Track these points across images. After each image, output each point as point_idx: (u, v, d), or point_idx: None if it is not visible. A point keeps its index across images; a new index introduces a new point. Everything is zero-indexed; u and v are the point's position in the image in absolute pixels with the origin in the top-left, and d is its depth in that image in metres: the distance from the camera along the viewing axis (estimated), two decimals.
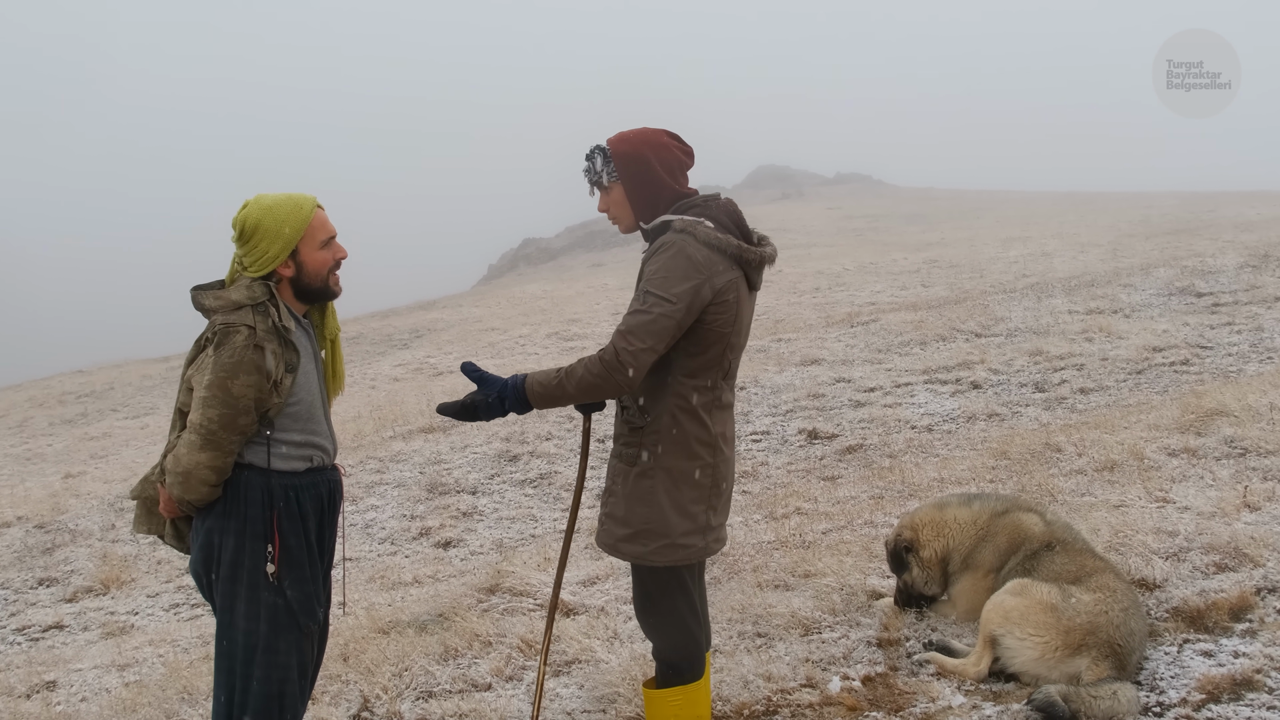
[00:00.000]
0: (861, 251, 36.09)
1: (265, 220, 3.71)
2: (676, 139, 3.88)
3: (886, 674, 4.65)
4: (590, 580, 6.52)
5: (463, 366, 3.84)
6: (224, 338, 3.60)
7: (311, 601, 3.84)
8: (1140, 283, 15.13)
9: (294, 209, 3.75)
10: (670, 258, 3.62)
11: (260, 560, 3.71)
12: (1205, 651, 4.43)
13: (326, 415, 3.99)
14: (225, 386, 3.58)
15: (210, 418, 3.59)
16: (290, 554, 3.77)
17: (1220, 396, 7.97)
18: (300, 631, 3.82)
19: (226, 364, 3.58)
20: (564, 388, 3.63)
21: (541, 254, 65.96)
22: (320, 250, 3.81)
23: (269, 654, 3.74)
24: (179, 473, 3.65)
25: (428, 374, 21.45)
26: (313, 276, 3.82)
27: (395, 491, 10.57)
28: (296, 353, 3.75)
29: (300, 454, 3.83)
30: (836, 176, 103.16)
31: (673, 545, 3.76)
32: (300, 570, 3.80)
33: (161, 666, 6.49)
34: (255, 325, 3.63)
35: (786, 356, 13.85)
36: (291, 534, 3.78)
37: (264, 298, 3.69)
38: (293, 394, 3.76)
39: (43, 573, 9.76)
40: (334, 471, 4.01)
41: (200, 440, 3.60)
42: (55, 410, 25.66)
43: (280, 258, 3.73)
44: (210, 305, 3.71)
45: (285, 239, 3.72)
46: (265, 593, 3.73)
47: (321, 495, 3.92)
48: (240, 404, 3.60)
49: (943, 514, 5.24)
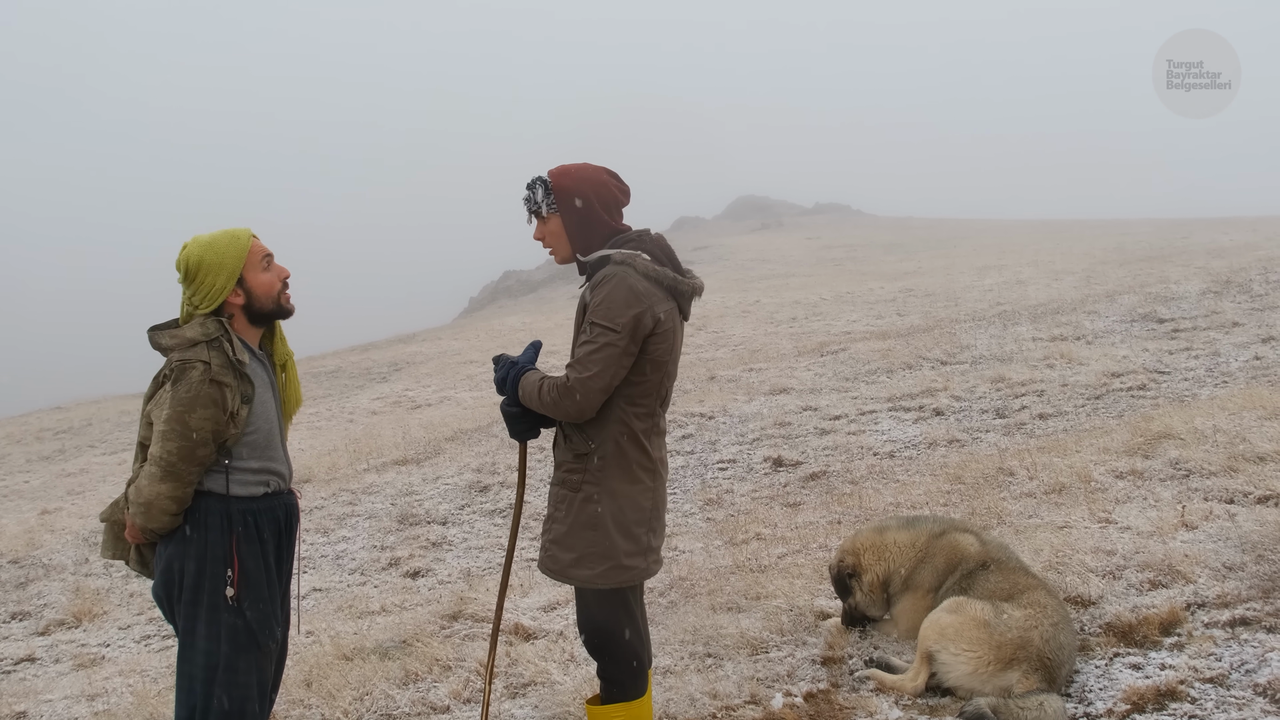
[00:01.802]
0: (839, 281, 36.33)
1: (207, 256, 3.88)
2: (615, 178, 4.07)
3: (828, 690, 4.80)
4: (550, 606, 6.64)
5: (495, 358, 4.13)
6: (181, 374, 3.76)
7: (270, 621, 3.99)
8: (1104, 309, 15.36)
9: (231, 240, 3.93)
10: (612, 289, 3.81)
11: (220, 583, 3.86)
12: (1134, 664, 4.59)
13: (283, 441, 4.15)
14: (183, 420, 3.73)
15: (170, 450, 3.74)
16: (249, 576, 3.92)
17: (1169, 420, 8.15)
18: (260, 651, 3.97)
19: (184, 398, 3.73)
20: (536, 396, 3.89)
21: (522, 286, 66.05)
22: (264, 273, 3.98)
23: (229, 673, 3.89)
24: (141, 503, 3.80)
25: (406, 407, 21.52)
26: (263, 299, 3.99)
27: (366, 523, 10.67)
28: (252, 385, 3.91)
29: (258, 480, 3.98)
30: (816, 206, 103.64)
31: (619, 567, 3.92)
32: (259, 591, 3.95)
33: (130, 696, 6.57)
34: (210, 361, 3.79)
35: (756, 386, 14.01)
36: (250, 557, 3.93)
37: (218, 334, 3.86)
38: (250, 424, 3.91)
39: (15, 607, 9.81)
40: (290, 495, 4.17)
41: (160, 472, 3.75)
42: (33, 447, 25.60)
43: (228, 288, 3.90)
44: (166, 344, 3.87)
45: (229, 269, 3.89)
46: (225, 614, 3.87)
47: (279, 519, 4.08)
48: (198, 436, 3.75)
49: (883, 538, 5.40)
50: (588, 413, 3.82)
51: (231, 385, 3.82)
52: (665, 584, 6.67)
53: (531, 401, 3.93)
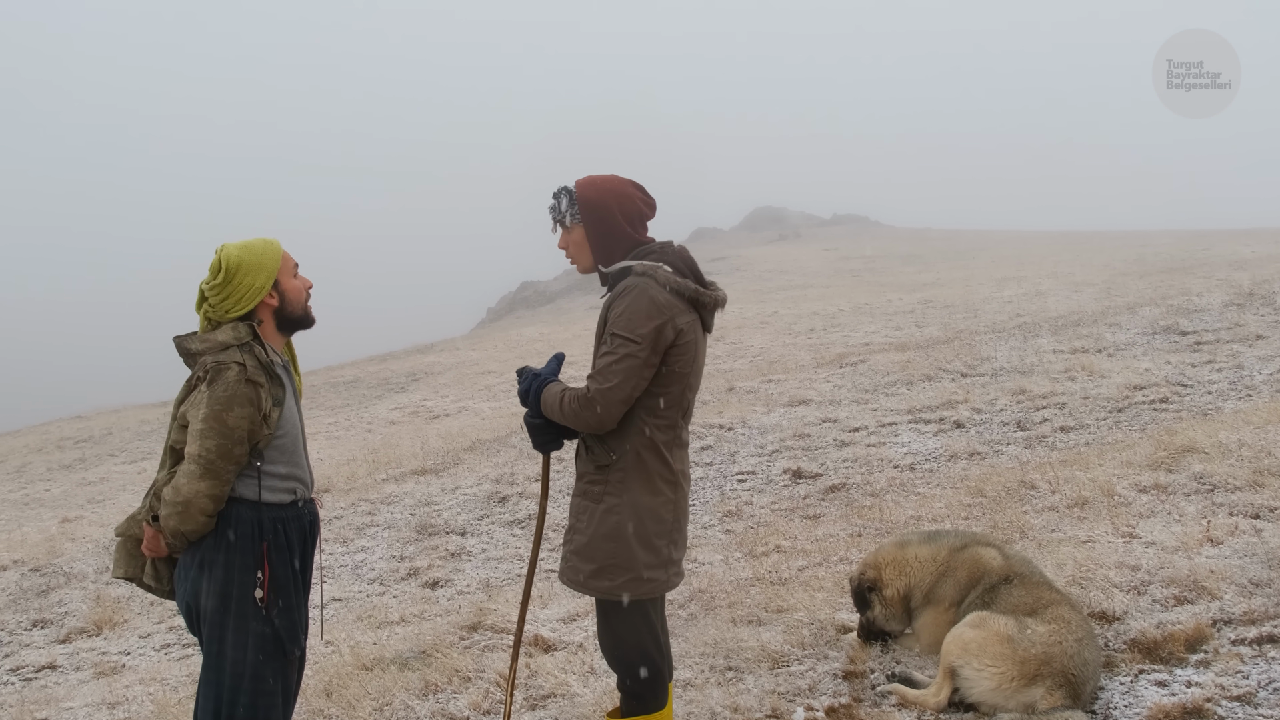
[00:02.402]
0: (857, 292, 36.27)
1: (246, 257, 3.97)
2: (640, 190, 4.08)
3: (850, 705, 4.77)
4: (570, 617, 6.63)
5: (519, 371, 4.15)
6: (216, 374, 3.82)
7: (297, 629, 4.03)
8: (1126, 322, 15.28)
9: (266, 245, 4.04)
10: (633, 300, 3.81)
11: (249, 590, 3.89)
12: (1159, 681, 4.54)
13: (305, 450, 4.20)
14: (221, 418, 3.79)
15: (208, 448, 3.79)
16: (279, 584, 3.96)
17: (1193, 434, 8.10)
18: (286, 659, 4.00)
19: (221, 397, 3.79)
20: (557, 407, 3.90)
21: (539, 297, 66.17)
22: (294, 279, 4.11)
23: (257, 681, 3.91)
24: (179, 502, 3.82)
25: (424, 417, 21.56)
26: (294, 304, 4.09)
27: (386, 533, 10.68)
28: (283, 386, 3.99)
29: (286, 486, 4.03)
30: (833, 218, 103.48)
31: (638, 579, 3.91)
32: (288, 599, 3.99)
33: (151, 704, 6.59)
34: (245, 362, 3.87)
35: (775, 397, 13.98)
36: (280, 564, 3.97)
37: (249, 338, 3.94)
38: (279, 426, 3.98)
39: (37, 614, 9.85)
40: (312, 504, 4.21)
41: (199, 470, 3.80)
42: (54, 455, 25.76)
43: (266, 288, 3.99)
44: (196, 349, 3.94)
45: (268, 271, 3.99)
46: (254, 622, 3.90)
47: (304, 527, 4.13)
48: (235, 434, 3.82)
49: (904, 552, 5.37)
50: (608, 424, 3.82)
51: (265, 385, 3.90)
52: (685, 596, 6.64)
53: (553, 413, 3.94)
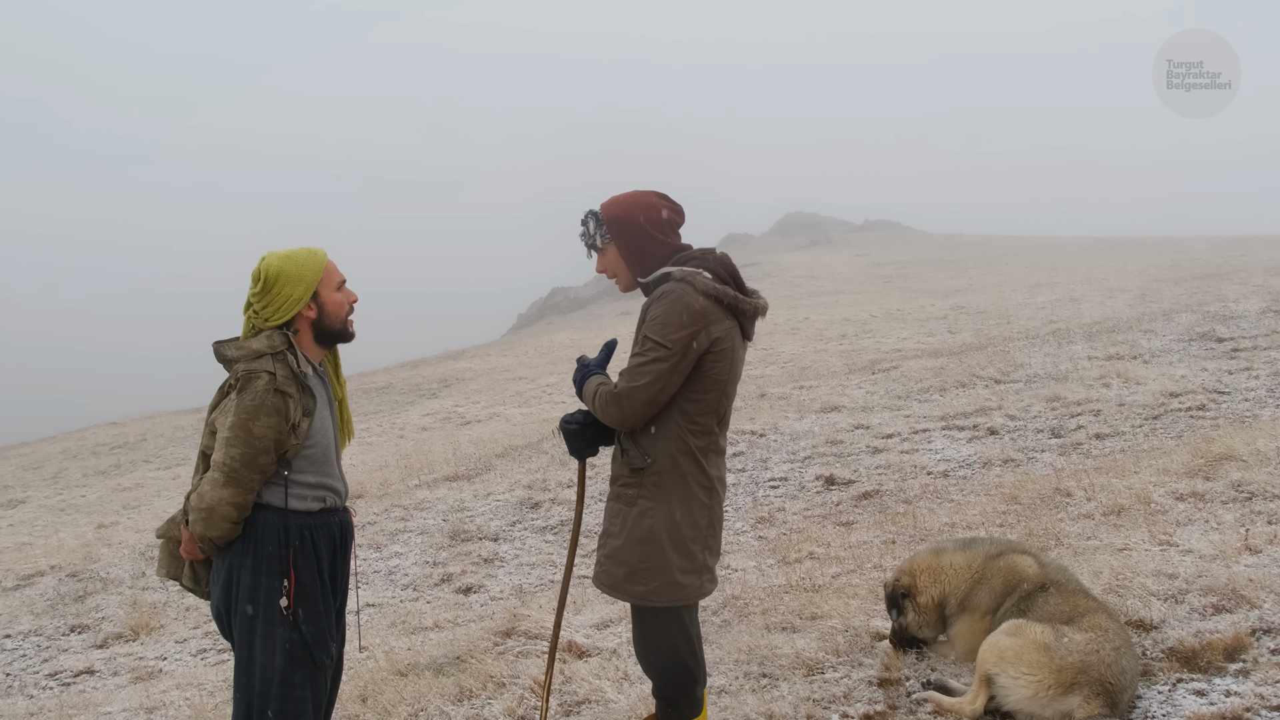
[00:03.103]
0: (889, 298, 36.14)
1: (286, 267, 3.98)
2: (665, 198, 4.10)
3: (885, 712, 4.75)
4: (603, 624, 6.64)
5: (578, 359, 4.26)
6: (246, 383, 3.86)
7: (325, 637, 4.03)
8: (1161, 328, 15.16)
9: (309, 255, 4.04)
10: (669, 305, 3.83)
11: (276, 596, 3.91)
12: (1198, 690, 4.51)
13: (338, 459, 4.22)
14: (247, 427, 3.82)
15: (233, 456, 3.82)
16: (305, 590, 3.97)
17: (1230, 441, 8.03)
18: (315, 666, 4.01)
19: (248, 406, 3.83)
20: (591, 399, 4.00)
21: (570, 303, 66.29)
22: (336, 293, 4.10)
23: (285, 687, 3.93)
24: (202, 509, 3.86)
25: (456, 423, 21.63)
26: (333, 318, 4.09)
27: (419, 539, 10.72)
28: (314, 398, 4.00)
29: (314, 495, 4.04)
30: (865, 223, 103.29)
31: (672, 584, 3.92)
32: (315, 606, 4.00)
33: (188, 709, 6.65)
34: (275, 371, 3.89)
35: (807, 404, 13.96)
36: (306, 571, 3.98)
37: (283, 346, 3.96)
38: (309, 437, 3.99)
39: (74, 620, 9.94)
40: (345, 513, 4.23)
41: (223, 478, 3.83)
42: (89, 461, 25.98)
43: (304, 300, 4.00)
44: (232, 355, 3.97)
45: (307, 281, 4.00)
46: (281, 628, 3.92)
47: (334, 535, 4.13)
48: (260, 444, 3.84)
49: (939, 560, 5.35)
50: (630, 421, 3.86)
51: (294, 396, 3.91)
52: (718, 603, 6.64)
53: (588, 403, 4.04)
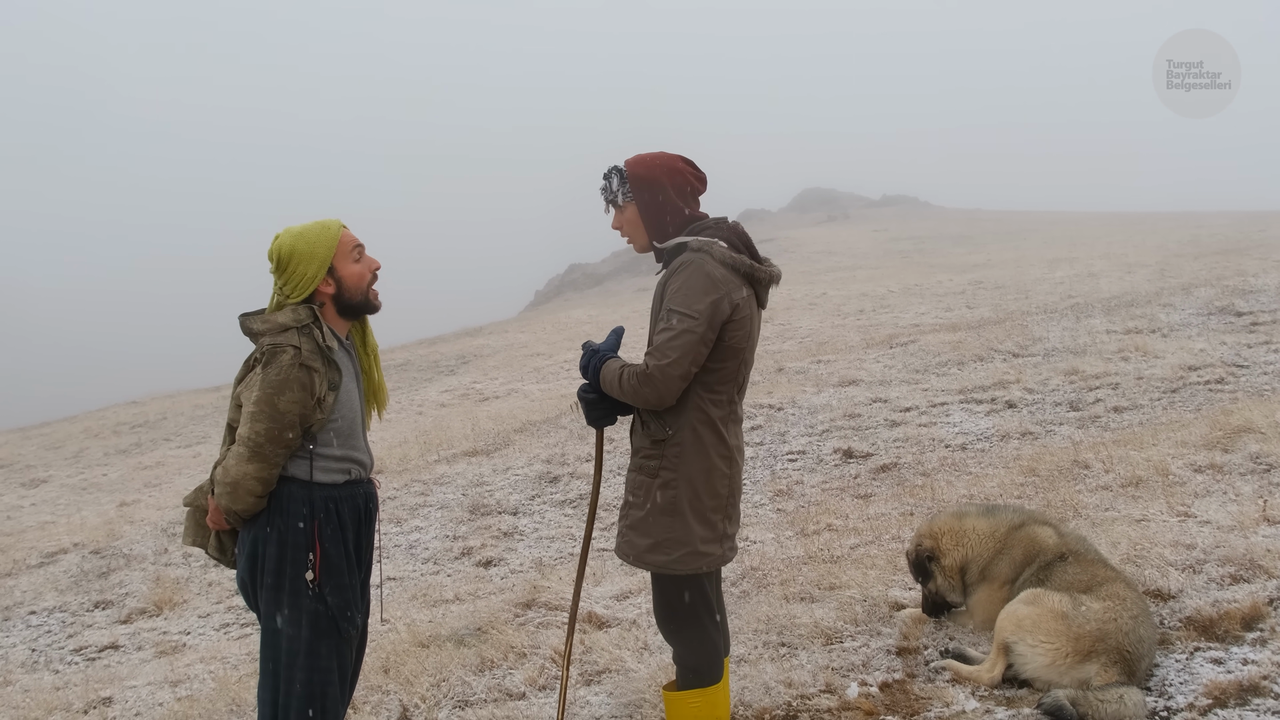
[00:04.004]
0: (907, 273, 36.05)
1: (298, 245, 3.96)
2: (691, 165, 4.09)
3: (904, 680, 4.79)
4: (623, 595, 6.69)
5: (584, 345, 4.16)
6: (271, 357, 3.84)
7: (351, 608, 4.04)
8: (1180, 302, 15.13)
9: (322, 230, 4.00)
10: (690, 276, 3.83)
11: (301, 569, 3.93)
12: (1215, 659, 4.54)
13: (365, 431, 4.22)
14: (272, 402, 3.81)
15: (258, 431, 3.82)
16: (330, 562, 3.98)
17: (1249, 414, 8.03)
18: (340, 637, 4.03)
19: (274, 381, 3.81)
20: (616, 384, 3.92)
21: (588, 279, 66.34)
22: (354, 264, 4.05)
23: (311, 658, 3.95)
24: (227, 483, 3.87)
25: (474, 399, 21.70)
26: (353, 290, 4.05)
27: (439, 513, 10.79)
28: (339, 371, 3.98)
29: (340, 467, 4.04)
30: (883, 199, 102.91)
31: (695, 554, 3.94)
32: (340, 578, 4.00)
33: (212, 682, 6.71)
34: (300, 346, 3.87)
35: (825, 378, 13.97)
36: (332, 543, 3.98)
37: (308, 320, 3.93)
38: (335, 411, 3.98)
39: (99, 596, 10.05)
40: (370, 484, 4.23)
41: (248, 452, 3.83)
42: (110, 441, 26.14)
43: (319, 277, 3.97)
44: (257, 329, 3.95)
45: (320, 258, 3.97)
46: (307, 599, 3.93)
47: (359, 506, 4.13)
48: (286, 419, 3.83)
49: (962, 524, 5.37)
50: (667, 400, 3.84)
51: (320, 371, 3.89)
52: (737, 574, 6.68)
53: (612, 389, 3.95)
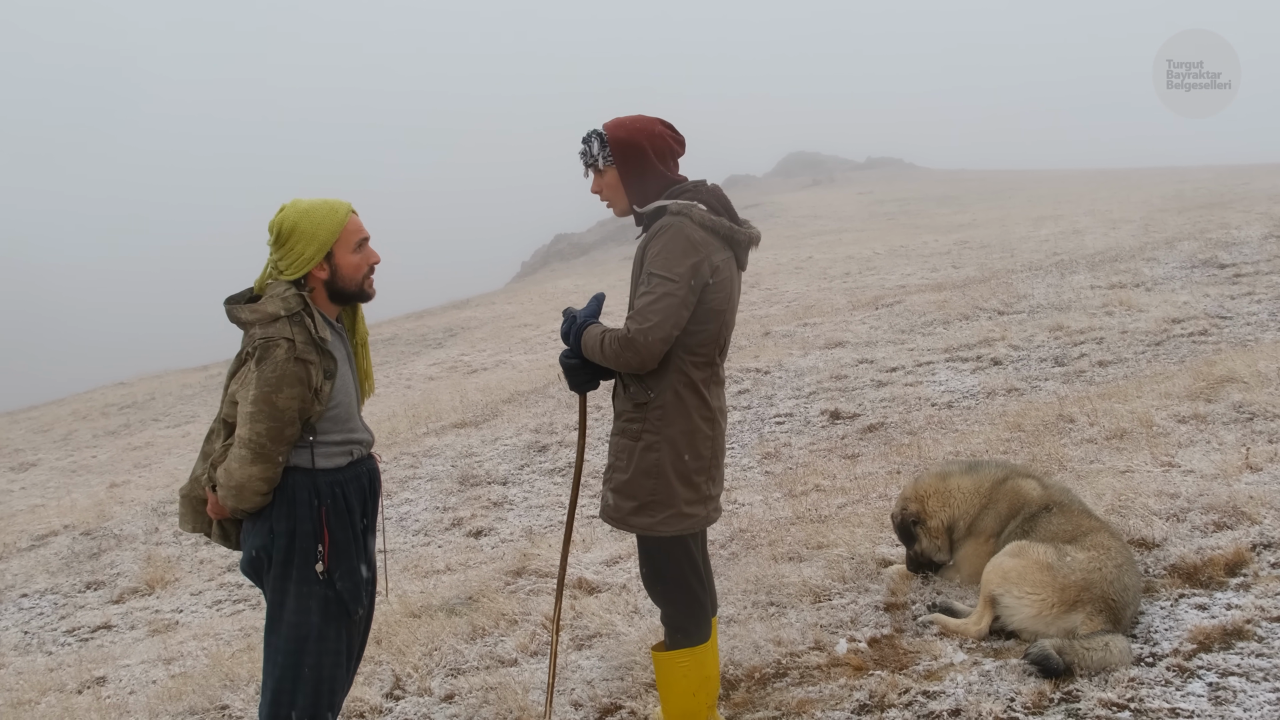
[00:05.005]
0: (892, 235, 36.03)
1: (302, 223, 3.82)
2: (670, 128, 4.07)
3: (892, 635, 4.83)
4: (613, 560, 6.72)
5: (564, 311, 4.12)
6: (265, 352, 3.70)
7: (360, 590, 3.97)
8: (1164, 256, 15.15)
9: (329, 212, 3.86)
10: (669, 239, 3.82)
11: (310, 557, 3.85)
12: (1199, 605, 4.58)
13: (359, 410, 4.12)
14: (270, 400, 3.69)
15: (259, 432, 3.70)
16: (339, 547, 3.90)
17: (1232, 364, 8.07)
18: (350, 619, 3.98)
19: (270, 379, 3.68)
20: (598, 349, 3.90)
21: (574, 249, 66.23)
22: (354, 254, 3.91)
23: (320, 642, 3.88)
24: (232, 487, 3.77)
25: (462, 372, 21.69)
26: (347, 280, 3.93)
27: (428, 485, 10.81)
28: (334, 360, 3.87)
29: (341, 450, 3.95)
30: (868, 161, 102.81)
31: (679, 515, 3.95)
32: (349, 562, 3.93)
33: (205, 658, 6.72)
34: (294, 338, 3.73)
35: (811, 340, 13.99)
36: (339, 528, 3.91)
37: (299, 308, 3.79)
38: (332, 398, 3.87)
39: (90, 577, 10.05)
40: (372, 460, 4.15)
41: (251, 454, 3.72)
42: (99, 422, 26.07)
43: (315, 260, 3.84)
44: (247, 319, 3.80)
45: (321, 241, 3.83)
46: (316, 586, 3.86)
47: (364, 485, 4.05)
48: (286, 416, 3.72)
49: (946, 484, 5.39)
50: (649, 364, 3.83)
51: (315, 362, 3.78)
52: (726, 536, 6.71)
53: (594, 354, 3.94)
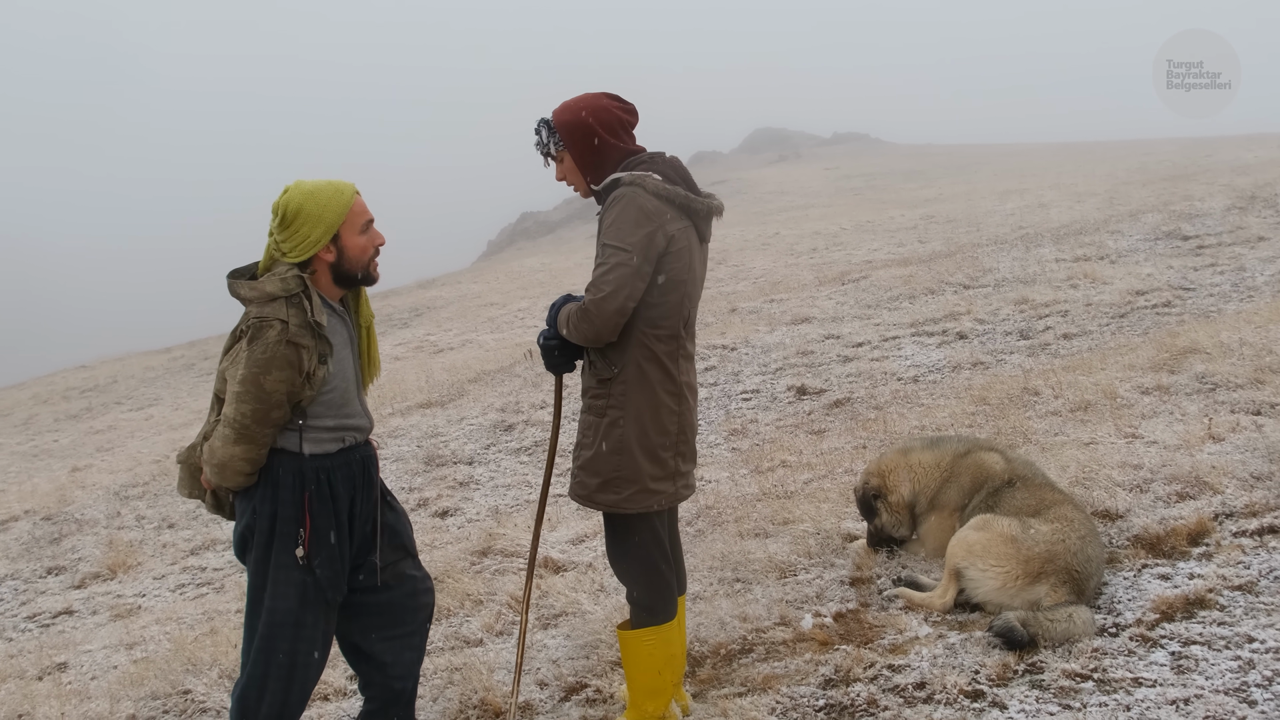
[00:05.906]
0: (859, 210, 36.07)
1: (308, 205, 3.73)
2: (617, 99, 4.02)
3: (858, 610, 4.83)
4: (579, 539, 6.70)
5: None
6: (257, 332, 3.63)
7: (339, 579, 3.91)
8: (1128, 229, 15.24)
9: (335, 194, 3.77)
10: (621, 209, 3.78)
11: (291, 542, 3.79)
12: (1162, 575, 4.60)
13: (360, 395, 4.04)
14: (258, 382, 3.63)
15: (244, 412, 3.65)
16: (320, 535, 3.84)
17: (1195, 335, 8.11)
18: (328, 606, 3.91)
19: (259, 359, 3.62)
20: (566, 323, 3.90)
21: (540, 228, 65.98)
22: (360, 236, 3.83)
23: (298, 628, 3.83)
24: (215, 464, 3.74)
25: (428, 351, 21.56)
26: (353, 263, 3.85)
27: (394, 465, 10.73)
28: (329, 344, 3.78)
29: (333, 436, 3.88)
30: (834, 136, 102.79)
31: (645, 491, 3.92)
32: (330, 550, 3.86)
33: (168, 643, 6.65)
34: (288, 320, 3.65)
35: (778, 316, 13.98)
36: (322, 515, 3.84)
37: (298, 289, 3.71)
38: (326, 382, 3.80)
39: (51, 562, 9.93)
40: (366, 447, 4.06)
41: (234, 434, 3.67)
42: (60, 406, 25.78)
43: (322, 242, 3.76)
44: (245, 295, 3.73)
45: (327, 224, 3.74)
46: (295, 571, 3.81)
47: (354, 473, 3.96)
48: (273, 399, 3.66)
49: (907, 459, 5.40)
50: (605, 335, 3.80)
51: (309, 346, 3.69)
52: (692, 513, 6.69)
53: (563, 329, 3.93)
